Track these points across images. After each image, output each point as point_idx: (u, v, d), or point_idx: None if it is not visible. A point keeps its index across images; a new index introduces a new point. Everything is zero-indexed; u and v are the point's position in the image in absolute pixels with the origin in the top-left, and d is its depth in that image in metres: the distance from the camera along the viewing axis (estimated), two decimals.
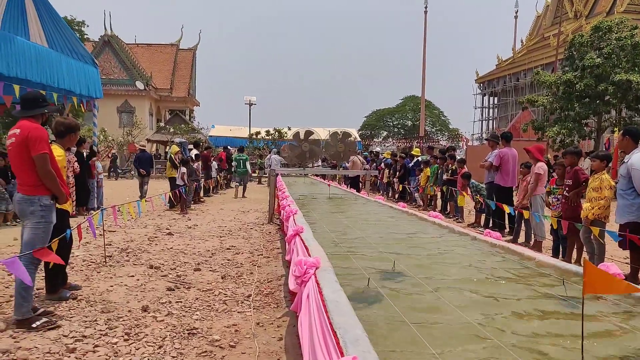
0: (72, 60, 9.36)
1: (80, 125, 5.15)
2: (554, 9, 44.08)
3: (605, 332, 2.29)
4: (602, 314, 2.53)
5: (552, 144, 20.46)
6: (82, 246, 7.14)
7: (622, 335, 2.24)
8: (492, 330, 2.26)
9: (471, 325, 2.32)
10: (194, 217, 11.11)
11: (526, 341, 2.17)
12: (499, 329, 2.29)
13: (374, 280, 3.03)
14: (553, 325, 2.40)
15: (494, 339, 2.13)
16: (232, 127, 42.51)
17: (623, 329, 2.34)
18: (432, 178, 12.82)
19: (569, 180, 6.62)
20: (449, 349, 2.05)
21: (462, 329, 2.27)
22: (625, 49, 18.69)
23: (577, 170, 6.57)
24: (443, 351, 2.00)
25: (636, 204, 5.37)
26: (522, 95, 30.98)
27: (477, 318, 2.42)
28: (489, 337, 2.15)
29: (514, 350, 2.02)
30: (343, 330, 1.84)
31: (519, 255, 3.88)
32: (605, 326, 2.38)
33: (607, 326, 2.38)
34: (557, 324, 2.41)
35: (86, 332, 3.80)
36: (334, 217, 6.77)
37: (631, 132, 5.63)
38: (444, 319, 2.43)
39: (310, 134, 10.27)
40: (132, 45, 43.76)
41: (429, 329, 2.28)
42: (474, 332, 2.24)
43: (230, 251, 7.30)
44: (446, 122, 58.71)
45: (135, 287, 5.18)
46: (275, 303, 4.81)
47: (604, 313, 2.55)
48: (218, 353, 3.60)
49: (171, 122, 37.75)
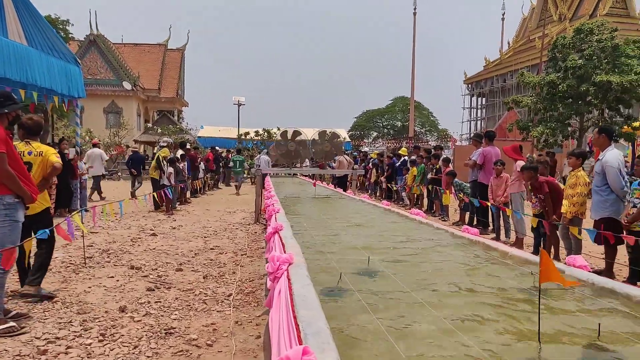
0: (53, 59, 9.26)
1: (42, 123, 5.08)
2: (539, 11, 44.55)
3: (564, 320, 2.33)
4: (565, 304, 2.57)
5: (536, 144, 20.68)
6: (61, 248, 7.07)
7: (580, 323, 2.28)
8: (460, 325, 2.28)
9: (439, 319, 2.33)
10: (179, 218, 11.05)
11: (489, 331, 2.19)
12: (467, 322, 2.31)
13: (346, 276, 3.04)
14: (516, 313, 2.44)
15: (462, 334, 2.15)
16: (221, 127, 42.40)
17: (582, 316, 2.38)
18: (418, 177, 12.89)
19: (540, 194, 6.66)
20: (415, 343, 2.06)
21: (432, 325, 2.29)
22: (605, 51, 18.96)
23: (542, 183, 6.63)
24: (408, 345, 2.02)
25: (610, 200, 5.48)
26: (509, 95, 31.24)
27: (446, 312, 2.44)
28: (457, 331, 2.17)
29: (476, 335, 2.04)
30: (306, 323, 1.85)
31: (494, 250, 3.92)
32: (565, 314, 2.42)
33: (567, 314, 2.42)
34: (521, 313, 2.44)
35: (60, 334, 3.76)
36: (317, 215, 6.78)
37: (606, 130, 5.73)
38: (413, 313, 2.44)
39: (298, 134, 10.28)
40: (119, 45, 43.40)
41: (396, 323, 2.29)
42: (443, 326, 2.25)
43: (214, 251, 7.27)
44: (435, 123, 59.07)
45: (114, 288, 5.14)
46: (255, 302, 4.80)
47: (567, 303, 2.60)
48: (194, 352, 3.59)
49: (159, 123, 37.54)
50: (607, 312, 2.45)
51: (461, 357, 1.92)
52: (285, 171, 11.51)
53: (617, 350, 1.98)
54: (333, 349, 1.59)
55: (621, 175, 5.48)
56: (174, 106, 44.33)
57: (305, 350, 1.38)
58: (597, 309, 2.49)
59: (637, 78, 17.82)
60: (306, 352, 1.37)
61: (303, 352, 1.37)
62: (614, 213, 5.51)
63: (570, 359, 1.89)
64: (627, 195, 5.43)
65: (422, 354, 1.94)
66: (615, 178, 5.45)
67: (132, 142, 36.30)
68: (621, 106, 19.68)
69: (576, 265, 2.92)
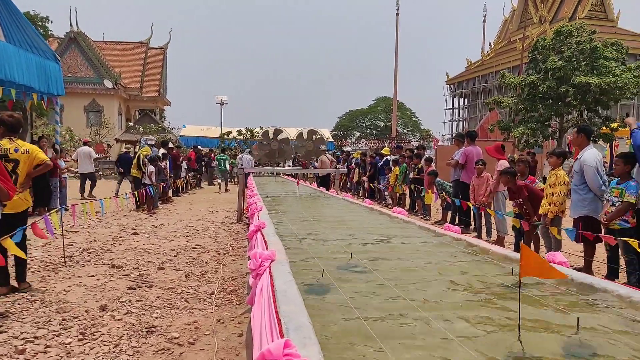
0: (31, 56, 9.09)
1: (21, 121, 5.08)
2: (520, 13, 45.12)
3: (543, 315, 2.37)
4: (544, 299, 2.62)
5: (517, 144, 20.95)
6: (40, 247, 6.97)
7: (559, 319, 2.32)
8: (440, 319, 2.30)
9: (421, 313, 2.35)
10: (161, 217, 10.95)
11: (469, 325, 2.22)
12: (447, 315, 2.34)
13: (328, 272, 3.05)
14: (496, 308, 2.47)
15: (443, 330, 2.18)
16: (203, 127, 42.07)
17: (561, 311, 2.42)
18: (400, 177, 12.96)
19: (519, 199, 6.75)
20: (396, 337, 2.08)
21: (413, 319, 2.31)
22: (584, 53, 19.28)
23: (521, 187, 6.72)
24: (389, 338, 2.03)
25: (588, 199, 5.58)
26: (490, 96, 31.59)
27: (427, 307, 2.47)
28: (438, 328, 2.19)
29: (455, 330, 2.06)
30: (288, 318, 1.85)
31: (475, 247, 3.96)
32: (545, 309, 2.46)
33: (547, 309, 2.46)
34: (502, 308, 2.47)
35: (38, 333, 3.71)
36: (299, 214, 6.78)
37: (585, 130, 5.84)
38: (395, 308, 2.46)
39: (279, 133, 10.26)
40: (100, 43, 42.76)
41: (377, 317, 2.30)
42: (424, 320, 2.27)
43: (196, 250, 7.23)
44: (418, 123, 59.41)
45: (94, 287, 5.08)
46: (238, 300, 4.79)
47: (546, 298, 2.64)
48: (176, 350, 3.56)
49: (141, 122, 37.13)
50: (586, 306, 2.49)
51: (441, 349, 1.94)
52: (268, 170, 11.48)
53: (596, 343, 2.02)
54: (315, 344, 1.60)
55: (599, 175, 5.59)
56: (156, 105, 43.86)
57: (286, 344, 1.38)
58: (576, 304, 2.54)
59: (615, 80, 18.15)
60: (287, 345, 1.38)
61: (284, 345, 1.37)
62: (592, 212, 5.61)
63: (550, 351, 1.92)
64: (605, 194, 5.54)
65: (404, 348, 1.95)
66: (592, 177, 5.55)
67: (114, 141, 35.87)
68: (600, 107, 20.03)
69: (555, 262, 2.97)
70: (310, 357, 1.46)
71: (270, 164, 10.83)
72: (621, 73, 18.54)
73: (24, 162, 4.76)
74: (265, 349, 1.40)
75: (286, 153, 10.62)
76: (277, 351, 1.35)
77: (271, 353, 1.36)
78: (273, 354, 1.35)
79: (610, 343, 2.02)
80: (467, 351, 1.92)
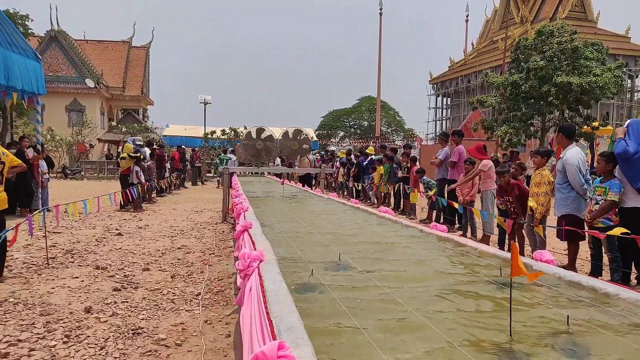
0: (12, 54, 8.92)
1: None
2: (502, 13, 45.65)
3: (532, 313, 2.39)
4: (533, 296, 2.65)
5: (500, 143, 21.16)
6: (22, 248, 6.84)
7: (549, 314, 2.35)
8: (431, 315, 2.31)
9: (410, 311, 2.36)
10: (146, 217, 10.83)
11: (462, 320, 2.24)
12: (437, 314, 2.35)
13: (317, 271, 3.05)
14: (487, 306, 2.49)
15: (433, 327, 2.19)
16: (187, 126, 41.79)
17: (550, 308, 2.45)
18: (385, 176, 13.00)
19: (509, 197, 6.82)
20: (388, 334, 2.08)
21: (404, 316, 2.32)
22: (565, 53, 19.55)
23: (513, 186, 6.79)
24: (381, 336, 2.03)
25: (571, 197, 5.65)
26: (473, 96, 31.89)
27: (417, 304, 2.48)
28: (429, 325, 2.20)
29: (449, 329, 2.08)
30: (279, 318, 1.84)
31: (462, 245, 3.99)
32: (535, 307, 2.49)
33: (537, 306, 2.49)
34: (491, 305, 2.49)
35: (22, 336, 3.64)
36: (285, 213, 6.76)
37: (565, 130, 5.91)
38: (385, 306, 2.47)
39: (262, 131, 10.21)
40: (82, 42, 42.14)
41: (368, 316, 2.30)
42: (414, 318, 2.28)
43: (181, 250, 7.17)
44: (401, 123, 59.70)
45: (78, 288, 5.01)
46: (225, 301, 4.76)
47: (536, 296, 2.67)
48: (163, 352, 3.53)
49: (124, 122, 36.69)
50: (575, 303, 2.53)
51: (432, 347, 1.95)
52: (253, 170, 11.42)
53: (586, 338, 2.05)
54: (308, 344, 1.59)
55: (581, 173, 5.66)
56: (139, 104, 43.37)
57: (280, 345, 1.37)
58: (565, 301, 2.57)
59: (595, 79, 18.43)
60: (282, 346, 1.37)
61: (279, 347, 1.36)
62: (575, 210, 5.68)
63: (541, 348, 1.95)
64: (587, 192, 5.61)
65: (395, 347, 1.96)
66: (574, 176, 5.62)
67: (96, 140, 35.40)
68: (581, 107, 20.32)
69: (543, 260, 3.01)
70: (303, 357, 1.45)
71: (256, 164, 10.78)
72: (601, 73, 18.84)
73: (7, 164, 5.11)
74: (259, 350, 1.38)
75: (272, 152, 10.58)
76: (272, 353, 1.34)
77: (265, 355, 1.35)
78: (267, 356, 1.34)
79: (599, 338, 2.05)
80: (459, 348, 1.93)
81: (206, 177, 27.35)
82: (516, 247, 1.88)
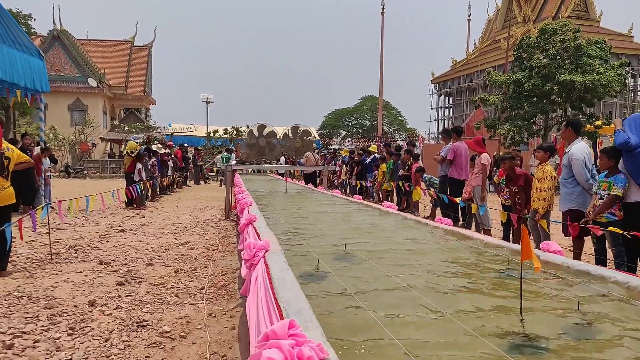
0: (15, 52, 8.92)
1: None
2: (504, 13, 45.52)
3: (542, 300, 2.38)
4: (542, 285, 2.63)
5: (503, 141, 21.11)
6: (26, 244, 6.85)
7: (559, 301, 2.33)
8: (438, 301, 2.30)
9: (421, 299, 2.35)
10: (149, 215, 10.84)
11: (471, 308, 2.22)
12: (448, 301, 2.34)
13: (323, 262, 3.03)
14: (496, 295, 2.48)
15: (441, 310, 2.17)
16: (189, 125, 41.85)
17: (560, 295, 2.43)
18: (388, 174, 12.98)
19: (514, 187, 6.79)
20: (399, 321, 2.07)
21: (414, 304, 2.30)
22: (569, 51, 19.46)
23: (519, 176, 6.76)
24: (392, 322, 2.02)
25: (576, 192, 5.61)
26: (475, 95, 31.83)
27: (427, 293, 2.46)
28: (437, 310, 2.19)
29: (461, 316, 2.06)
30: (287, 303, 1.83)
31: (468, 238, 3.98)
32: (544, 295, 2.47)
33: (547, 294, 2.48)
34: (501, 292, 2.48)
35: (26, 329, 3.63)
36: (289, 209, 6.75)
37: (572, 124, 5.88)
38: (395, 294, 2.45)
39: (264, 128, 10.20)
40: (84, 41, 42.24)
41: (377, 303, 2.29)
42: (425, 305, 2.27)
43: (185, 246, 7.16)
44: (403, 122, 59.58)
45: (82, 282, 5.00)
46: (229, 295, 4.74)
47: (548, 283, 2.65)
48: (168, 344, 3.52)
49: (126, 121, 36.78)
50: (584, 291, 2.51)
51: (445, 332, 1.94)
52: (256, 167, 11.41)
53: (596, 324, 2.04)
54: (317, 327, 1.58)
55: (586, 168, 5.62)
56: (141, 104, 43.45)
57: (291, 324, 1.35)
58: (575, 289, 2.55)
59: (599, 78, 18.35)
60: (292, 325, 1.35)
61: (289, 326, 1.34)
62: (580, 205, 5.64)
63: (552, 332, 1.93)
64: (593, 187, 5.57)
65: (408, 336, 1.94)
66: (580, 170, 5.58)
67: (99, 140, 35.45)
68: (584, 105, 20.24)
69: (551, 251, 2.99)
70: (314, 339, 1.43)
71: (258, 162, 10.77)
72: (605, 71, 18.76)
73: (13, 160, 5.30)
74: (270, 329, 1.37)
75: (275, 149, 10.57)
76: (282, 331, 1.33)
77: (276, 333, 1.33)
78: (278, 334, 1.32)
79: (610, 324, 2.04)
80: (470, 331, 1.91)
81: (208, 176, 27.38)
82: (527, 230, 1.87)
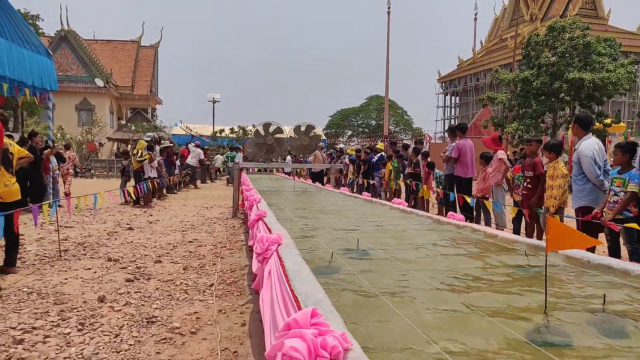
0: (24, 50, 8.93)
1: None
2: (511, 11, 45.37)
3: (565, 293, 2.32)
4: (563, 280, 2.57)
5: (511, 140, 21.00)
6: (35, 241, 6.85)
7: (584, 294, 2.28)
8: (457, 295, 2.25)
9: (436, 289, 2.30)
10: (156, 213, 10.83)
11: (492, 301, 2.17)
12: (461, 291, 2.29)
13: (337, 255, 2.99)
14: (517, 288, 2.43)
15: (461, 302, 2.12)
16: (195, 125, 41.92)
17: (584, 288, 2.38)
18: (394, 172, 12.91)
19: (529, 172, 6.73)
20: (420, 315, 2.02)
21: (432, 297, 2.25)
22: (577, 49, 19.32)
23: (537, 162, 6.70)
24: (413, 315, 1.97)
25: (586, 189, 5.52)
26: (482, 94, 31.69)
27: (442, 285, 2.41)
28: (456, 301, 2.14)
29: (480, 307, 2.01)
30: (304, 295, 1.78)
31: (483, 233, 3.92)
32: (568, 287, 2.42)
33: (570, 287, 2.42)
34: (522, 287, 2.43)
35: (36, 324, 3.61)
36: (299, 205, 6.72)
37: (580, 120, 5.79)
38: (413, 288, 2.40)
39: (269, 126, 10.17)
40: (91, 42, 42.47)
41: (395, 294, 2.25)
42: (441, 296, 2.22)
43: (193, 244, 7.14)
44: (409, 122, 59.48)
45: (91, 279, 4.98)
46: (238, 291, 4.71)
47: (570, 277, 2.60)
48: (178, 340, 3.49)
49: (132, 121, 36.87)
50: (609, 285, 2.46)
51: (466, 327, 1.89)
52: (263, 166, 11.38)
53: (624, 317, 1.98)
54: (337, 317, 1.53)
55: (596, 165, 5.51)
56: (148, 104, 43.60)
57: (314, 312, 1.31)
58: (599, 283, 2.50)
59: (608, 75, 18.21)
60: (315, 314, 1.30)
61: (312, 314, 1.30)
62: (592, 202, 5.55)
63: (578, 325, 1.88)
64: (604, 183, 5.48)
65: (431, 334, 1.89)
66: (589, 167, 5.48)
67: (106, 139, 35.58)
68: (593, 103, 20.09)
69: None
70: (335, 329, 1.39)
71: (266, 160, 10.75)
72: (614, 69, 18.60)
73: (15, 155, 5.35)
74: (291, 318, 1.32)
75: (282, 146, 10.54)
76: (304, 320, 1.28)
77: (297, 322, 1.29)
78: (300, 323, 1.28)
79: (635, 319, 1.98)
80: (495, 323, 1.86)
81: (214, 175, 27.42)
82: (553, 220, 1.81)
